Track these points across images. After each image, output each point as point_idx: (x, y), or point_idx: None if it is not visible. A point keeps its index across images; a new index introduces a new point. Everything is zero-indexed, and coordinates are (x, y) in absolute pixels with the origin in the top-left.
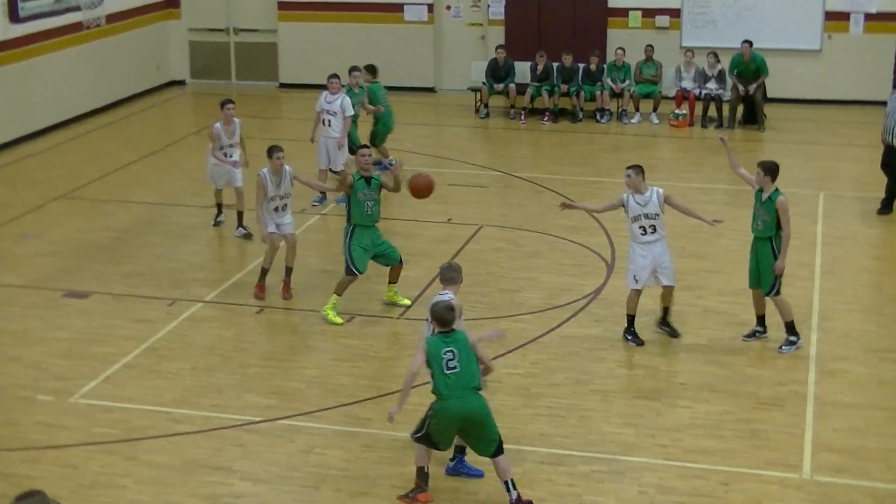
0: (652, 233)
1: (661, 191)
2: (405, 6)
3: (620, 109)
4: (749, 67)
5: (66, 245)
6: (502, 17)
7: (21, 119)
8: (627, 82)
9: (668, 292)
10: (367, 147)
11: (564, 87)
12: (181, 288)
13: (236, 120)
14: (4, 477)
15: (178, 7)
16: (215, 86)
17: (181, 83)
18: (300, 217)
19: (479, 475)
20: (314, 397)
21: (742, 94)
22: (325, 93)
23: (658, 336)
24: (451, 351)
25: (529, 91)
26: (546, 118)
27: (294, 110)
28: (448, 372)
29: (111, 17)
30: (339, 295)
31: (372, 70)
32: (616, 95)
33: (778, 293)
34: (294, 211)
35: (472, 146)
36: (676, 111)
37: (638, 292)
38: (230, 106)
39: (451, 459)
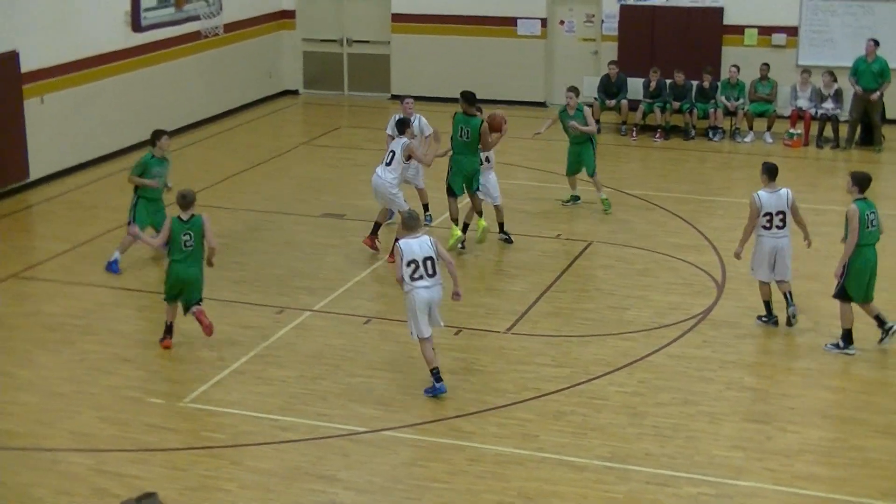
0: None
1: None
2: (518, 20)
3: (734, 128)
4: (871, 69)
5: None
6: (616, 33)
7: (138, 126)
8: (741, 100)
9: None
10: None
11: (677, 104)
12: (289, 296)
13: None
14: (115, 477)
15: (293, 18)
16: (328, 96)
17: (294, 93)
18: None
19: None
20: (419, 409)
21: (862, 98)
22: (397, 115)
23: (767, 358)
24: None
25: (642, 107)
26: (658, 135)
27: None
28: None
29: (228, 27)
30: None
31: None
32: (729, 113)
33: (839, 297)
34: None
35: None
36: (791, 130)
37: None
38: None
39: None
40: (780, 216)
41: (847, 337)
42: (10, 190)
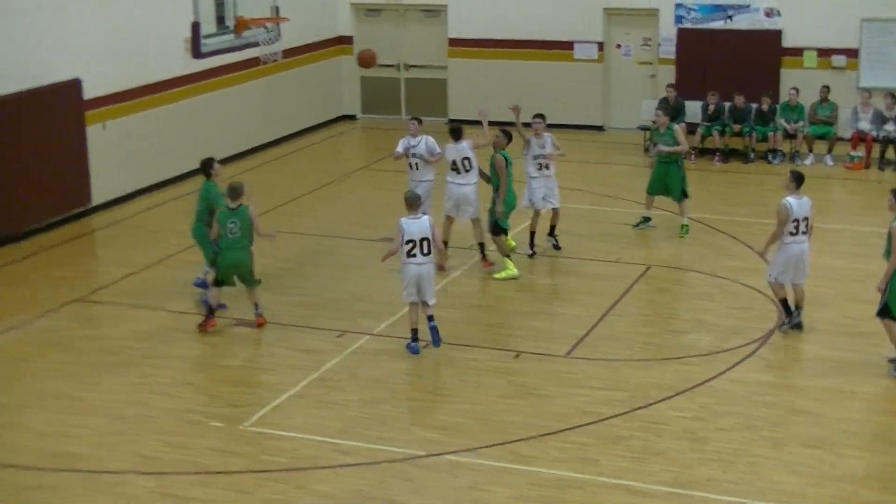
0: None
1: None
2: (575, 44)
3: (793, 150)
4: None
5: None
6: (673, 56)
7: (198, 151)
8: (801, 123)
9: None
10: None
11: (736, 128)
12: (348, 320)
13: (546, 135)
14: (178, 500)
15: (351, 43)
16: (385, 121)
17: (352, 117)
18: (467, 253)
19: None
20: (479, 433)
21: None
22: (406, 137)
23: (829, 382)
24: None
25: (700, 131)
26: (717, 158)
27: None
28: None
29: (287, 53)
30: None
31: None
32: (789, 136)
33: (882, 315)
34: (461, 247)
35: (640, 185)
36: (852, 153)
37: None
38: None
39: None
40: (805, 222)
41: None
42: (73, 215)
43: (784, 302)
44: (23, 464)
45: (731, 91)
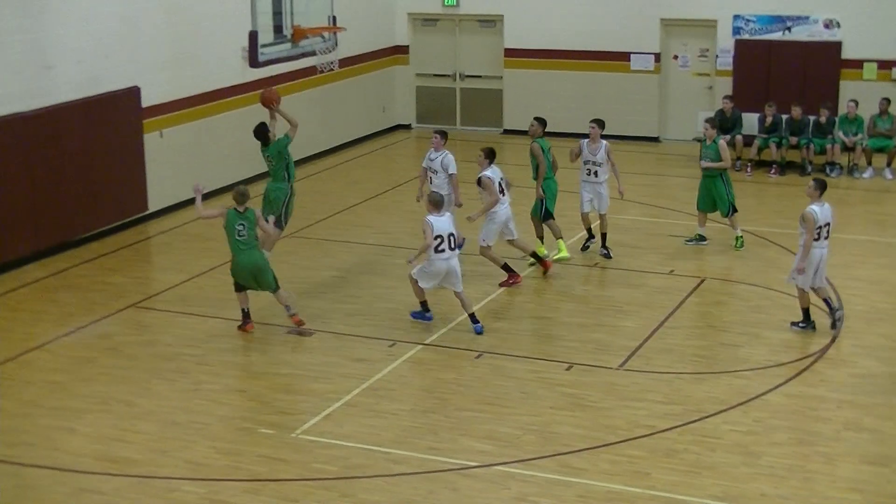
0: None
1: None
2: (632, 55)
3: (851, 164)
4: None
5: (291, 283)
6: (730, 68)
7: (254, 159)
8: (860, 136)
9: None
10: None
11: (793, 140)
12: (401, 329)
13: (603, 142)
14: None
15: (407, 53)
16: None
17: (407, 127)
18: (521, 263)
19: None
20: (529, 444)
21: None
22: (430, 149)
23: (886, 398)
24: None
25: (757, 143)
26: (773, 171)
27: (517, 157)
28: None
29: (343, 62)
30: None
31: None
32: (847, 149)
33: None
34: (514, 257)
35: (695, 197)
36: None
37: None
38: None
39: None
40: (827, 227)
41: None
42: (130, 221)
43: (806, 311)
44: (77, 467)
45: (790, 103)
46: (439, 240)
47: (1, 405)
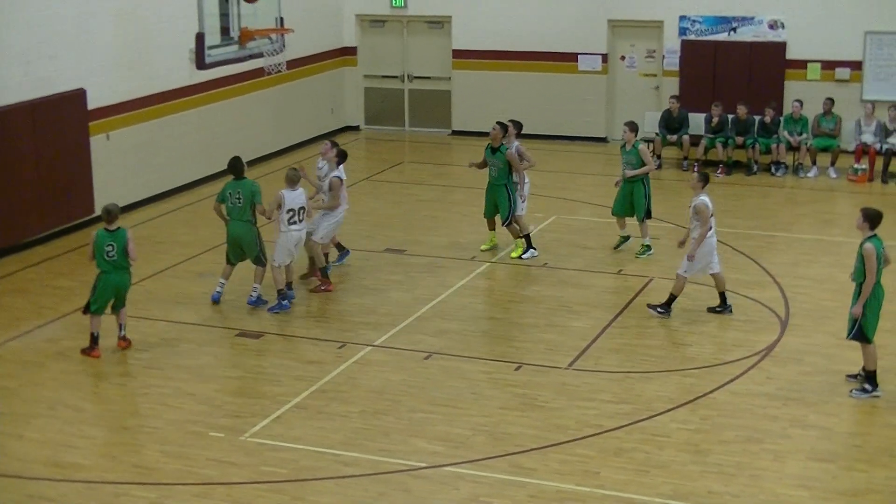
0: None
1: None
2: (579, 56)
3: (797, 163)
4: None
5: (241, 285)
6: (677, 68)
7: (203, 161)
8: (805, 135)
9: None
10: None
11: (739, 140)
12: (351, 331)
13: (515, 142)
14: None
15: (355, 54)
16: (389, 132)
17: (355, 128)
18: (470, 264)
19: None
20: (480, 445)
21: None
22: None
23: (832, 396)
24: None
25: (703, 142)
26: (720, 170)
27: (465, 157)
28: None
29: (291, 63)
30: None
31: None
32: (792, 149)
33: (858, 339)
34: (464, 258)
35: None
36: (856, 165)
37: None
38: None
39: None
40: (713, 218)
41: (872, 379)
42: (76, 225)
43: (723, 296)
44: (25, 473)
45: (735, 103)
46: (291, 213)
47: None
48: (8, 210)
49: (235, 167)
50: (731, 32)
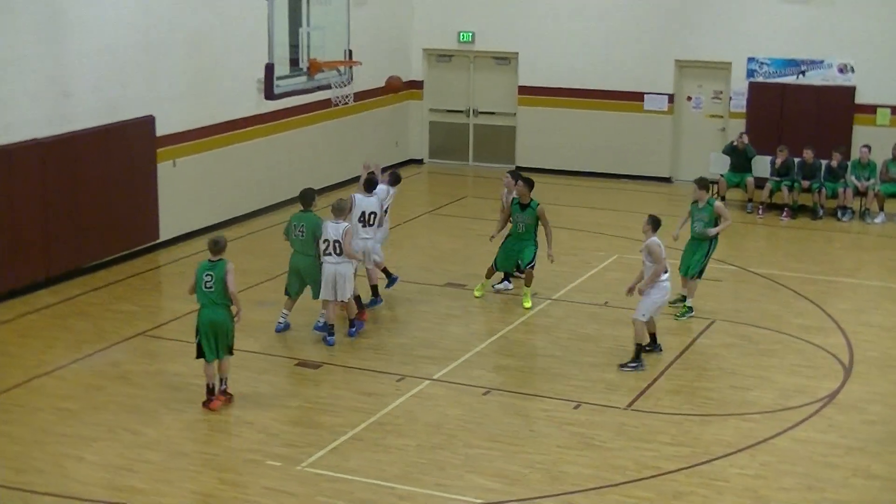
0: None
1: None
2: (646, 95)
3: (863, 208)
4: None
5: (301, 314)
6: (744, 110)
7: (267, 190)
8: (872, 181)
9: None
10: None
11: (805, 183)
12: (410, 364)
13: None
14: None
15: (421, 88)
16: (452, 166)
17: (419, 161)
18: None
19: None
20: (537, 483)
21: None
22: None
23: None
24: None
25: (769, 185)
26: (785, 214)
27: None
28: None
29: (358, 96)
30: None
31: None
32: (859, 194)
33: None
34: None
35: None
36: None
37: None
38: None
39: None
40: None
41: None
42: (140, 250)
43: (653, 336)
44: (84, 495)
45: (802, 146)
46: (326, 244)
47: (11, 431)
48: (73, 233)
49: (304, 197)
50: (800, 75)
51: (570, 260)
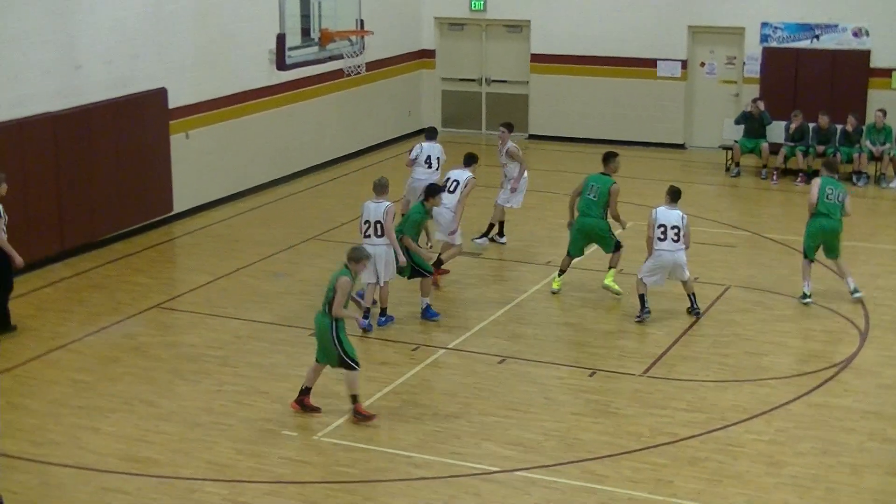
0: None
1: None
2: (658, 62)
3: (879, 173)
4: None
5: (316, 285)
6: (758, 75)
7: (280, 161)
8: (888, 145)
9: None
10: None
11: (820, 149)
12: (424, 333)
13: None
14: None
15: (433, 57)
16: (465, 134)
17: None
18: (544, 269)
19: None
20: (552, 450)
21: None
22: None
23: None
24: None
25: (784, 151)
26: (800, 179)
27: (541, 161)
28: None
29: (370, 66)
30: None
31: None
32: (875, 158)
33: None
34: (538, 262)
35: (720, 205)
36: None
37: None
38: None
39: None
40: (675, 230)
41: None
42: (154, 222)
43: (642, 297)
44: (100, 466)
45: (817, 111)
46: (367, 225)
47: (27, 404)
48: (88, 207)
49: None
50: (814, 40)
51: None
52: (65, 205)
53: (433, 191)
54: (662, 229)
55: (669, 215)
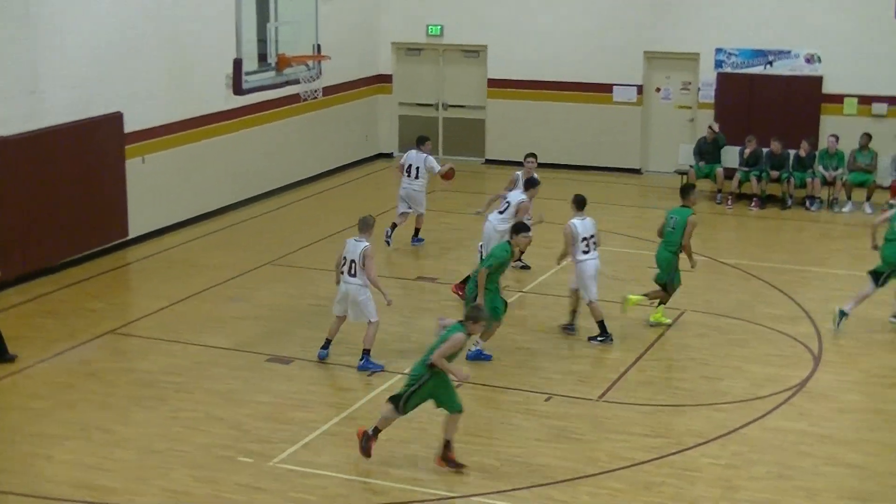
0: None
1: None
2: (614, 87)
3: (831, 198)
4: None
5: (273, 310)
6: (712, 101)
7: (237, 185)
8: (840, 170)
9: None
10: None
11: (774, 173)
12: (383, 358)
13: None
14: None
15: (390, 82)
16: None
17: (389, 155)
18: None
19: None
20: (511, 476)
21: None
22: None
23: (868, 434)
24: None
25: (738, 176)
26: (754, 204)
27: (498, 187)
28: None
29: (327, 90)
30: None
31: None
32: (827, 183)
33: None
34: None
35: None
36: (892, 201)
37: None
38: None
39: None
40: (592, 240)
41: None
42: (109, 247)
43: (572, 314)
44: (56, 495)
45: (770, 137)
46: (344, 262)
47: None
48: (43, 231)
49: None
50: (768, 66)
51: (541, 252)
52: (22, 231)
53: (518, 229)
54: (585, 242)
55: (587, 226)
